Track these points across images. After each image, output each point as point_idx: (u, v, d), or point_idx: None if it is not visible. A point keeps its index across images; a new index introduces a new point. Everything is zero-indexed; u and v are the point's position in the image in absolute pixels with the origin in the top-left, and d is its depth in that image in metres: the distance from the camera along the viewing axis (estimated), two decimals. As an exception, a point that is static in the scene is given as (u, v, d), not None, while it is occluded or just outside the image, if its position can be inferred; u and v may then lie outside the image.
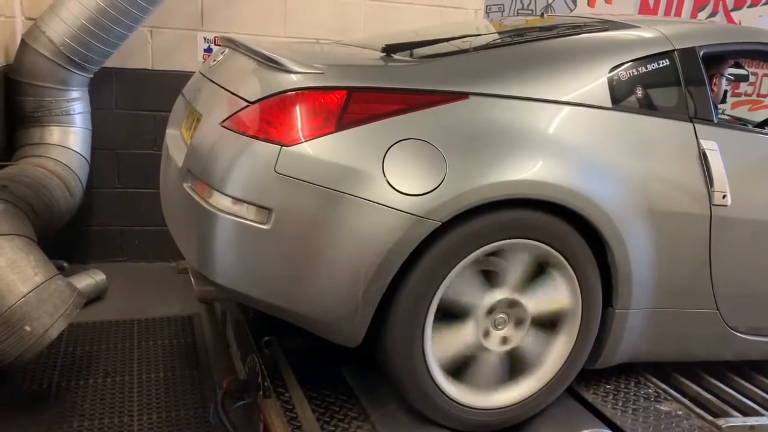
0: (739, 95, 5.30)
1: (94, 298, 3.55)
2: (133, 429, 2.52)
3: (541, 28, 2.40)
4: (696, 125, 2.14)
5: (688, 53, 2.19)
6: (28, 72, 3.38)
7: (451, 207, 1.75)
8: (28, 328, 2.38)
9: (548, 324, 2.03)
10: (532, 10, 4.75)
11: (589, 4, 4.87)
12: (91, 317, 3.34)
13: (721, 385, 2.43)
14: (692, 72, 2.18)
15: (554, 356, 2.05)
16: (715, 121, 2.21)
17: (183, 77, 2.74)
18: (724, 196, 2.11)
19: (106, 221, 4.07)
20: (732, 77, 2.87)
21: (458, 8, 4.45)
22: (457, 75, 1.94)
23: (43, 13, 3.37)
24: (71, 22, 3.31)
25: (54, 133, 3.52)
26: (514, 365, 2.02)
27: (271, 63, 1.91)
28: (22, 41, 3.38)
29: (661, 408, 2.20)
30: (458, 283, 1.87)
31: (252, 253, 1.79)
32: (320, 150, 1.75)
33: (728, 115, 3.78)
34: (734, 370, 2.54)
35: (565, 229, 1.92)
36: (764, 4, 5.09)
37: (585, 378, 2.26)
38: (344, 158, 1.75)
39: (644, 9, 5.00)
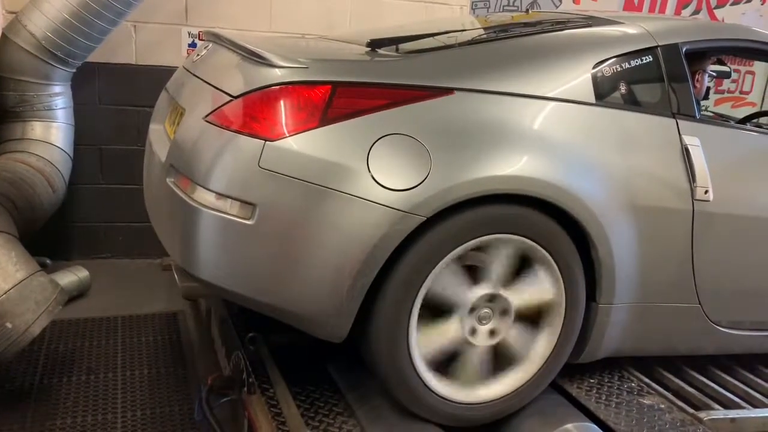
0: (722, 92, 5.35)
1: (78, 294, 3.52)
2: (117, 426, 2.51)
3: (526, 24, 2.40)
4: (679, 121, 2.16)
5: (671, 50, 2.20)
6: (9, 66, 3.34)
7: (435, 202, 1.75)
8: (9, 325, 2.35)
9: (532, 319, 2.04)
10: (517, 7, 4.76)
11: (574, 1, 4.89)
12: (74, 314, 3.32)
13: (703, 379, 2.45)
14: (675, 68, 2.20)
15: (538, 351, 2.06)
16: (698, 117, 2.22)
17: (167, 72, 2.72)
18: (706, 192, 2.13)
19: (89, 217, 4.04)
20: (714, 74, 2.89)
21: (444, 4, 4.45)
22: (442, 70, 1.94)
23: (24, 6, 3.34)
24: (53, 16, 3.27)
25: (36, 129, 3.49)
26: (499, 360, 2.03)
27: (254, 57, 1.90)
28: (3, 35, 3.34)
29: (644, 401, 2.22)
30: (443, 278, 1.87)
31: (236, 248, 1.78)
32: (304, 145, 1.74)
33: (711, 112, 3.81)
34: (716, 364, 2.56)
35: (549, 224, 1.93)
36: (746, 2, 5.14)
37: (569, 372, 2.27)
38: (329, 153, 1.74)
39: (629, 6, 5.03)
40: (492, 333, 1.98)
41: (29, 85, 3.40)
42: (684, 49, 2.23)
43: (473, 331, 1.95)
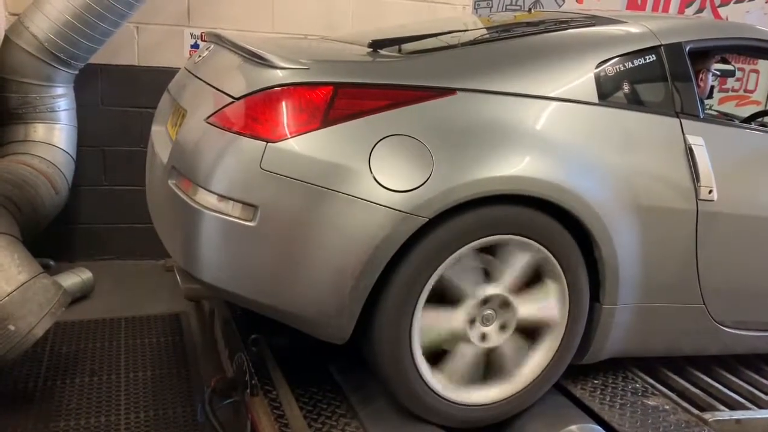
0: (726, 91, 5.33)
1: (81, 296, 3.52)
2: (120, 428, 2.51)
3: (528, 24, 2.39)
4: (682, 120, 2.14)
5: (674, 49, 2.19)
6: (12, 68, 3.34)
7: (437, 203, 1.74)
8: (12, 328, 2.35)
9: (535, 322, 2.03)
10: (520, 6, 4.75)
11: (577, 0, 4.88)
12: (77, 316, 3.32)
13: (708, 380, 2.44)
14: (678, 67, 2.18)
15: (541, 352, 2.05)
16: (702, 117, 2.21)
17: (169, 73, 2.72)
18: (710, 191, 2.12)
19: (92, 219, 4.04)
20: (718, 73, 2.88)
21: (446, 4, 4.44)
22: (445, 71, 1.93)
23: (27, 8, 3.34)
24: (55, 18, 3.27)
25: (39, 130, 3.49)
26: (502, 362, 2.02)
27: (256, 58, 1.90)
28: (6, 37, 3.35)
29: (649, 403, 2.21)
30: (446, 279, 1.86)
31: (238, 250, 1.78)
32: (306, 146, 1.74)
33: (715, 111, 3.80)
34: (721, 365, 2.55)
35: (552, 224, 1.92)
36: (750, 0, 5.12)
37: (573, 373, 2.27)
38: (330, 154, 1.74)
39: (632, 5, 5.02)
40: (494, 335, 1.97)
41: (32, 87, 3.40)
42: (687, 48, 2.22)
43: (476, 333, 1.94)
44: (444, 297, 1.89)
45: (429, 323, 1.88)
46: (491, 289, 1.93)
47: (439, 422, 1.99)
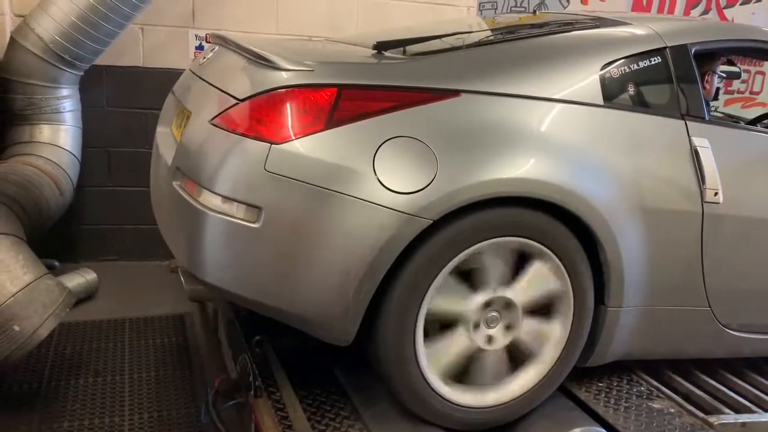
0: (731, 93, 5.31)
1: (85, 297, 3.53)
2: (124, 429, 2.51)
3: (533, 26, 2.39)
4: (688, 122, 2.14)
5: (679, 50, 2.18)
6: (18, 70, 3.36)
7: (442, 205, 1.74)
8: (17, 328, 2.36)
9: (540, 323, 2.02)
10: (525, 8, 4.74)
11: (582, 2, 4.87)
12: (81, 316, 3.33)
13: (713, 383, 2.43)
14: (684, 69, 2.18)
15: (545, 354, 2.04)
16: (707, 119, 2.20)
17: (174, 75, 2.73)
18: (715, 194, 2.11)
19: (97, 220, 4.05)
20: (724, 74, 2.87)
21: (451, 5, 4.44)
22: (449, 72, 1.93)
23: (33, 10, 3.35)
24: (61, 20, 3.29)
25: (44, 132, 3.51)
26: (505, 363, 2.01)
27: (261, 60, 1.90)
28: (11, 39, 3.36)
29: (654, 406, 2.20)
30: (449, 280, 1.85)
31: (242, 252, 1.78)
32: (310, 148, 1.74)
33: (721, 113, 3.78)
34: (726, 368, 2.54)
35: (557, 227, 1.91)
36: (756, 1, 5.10)
37: (577, 376, 2.26)
38: (335, 156, 1.74)
39: (637, 6, 5.01)
40: (499, 338, 1.96)
41: (37, 88, 3.42)
42: (693, 50, 2.21)
43: (480, 334, 1.94)
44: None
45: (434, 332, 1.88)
46: (494, 291, 1.92)
47: (443, 424, 1.99)
